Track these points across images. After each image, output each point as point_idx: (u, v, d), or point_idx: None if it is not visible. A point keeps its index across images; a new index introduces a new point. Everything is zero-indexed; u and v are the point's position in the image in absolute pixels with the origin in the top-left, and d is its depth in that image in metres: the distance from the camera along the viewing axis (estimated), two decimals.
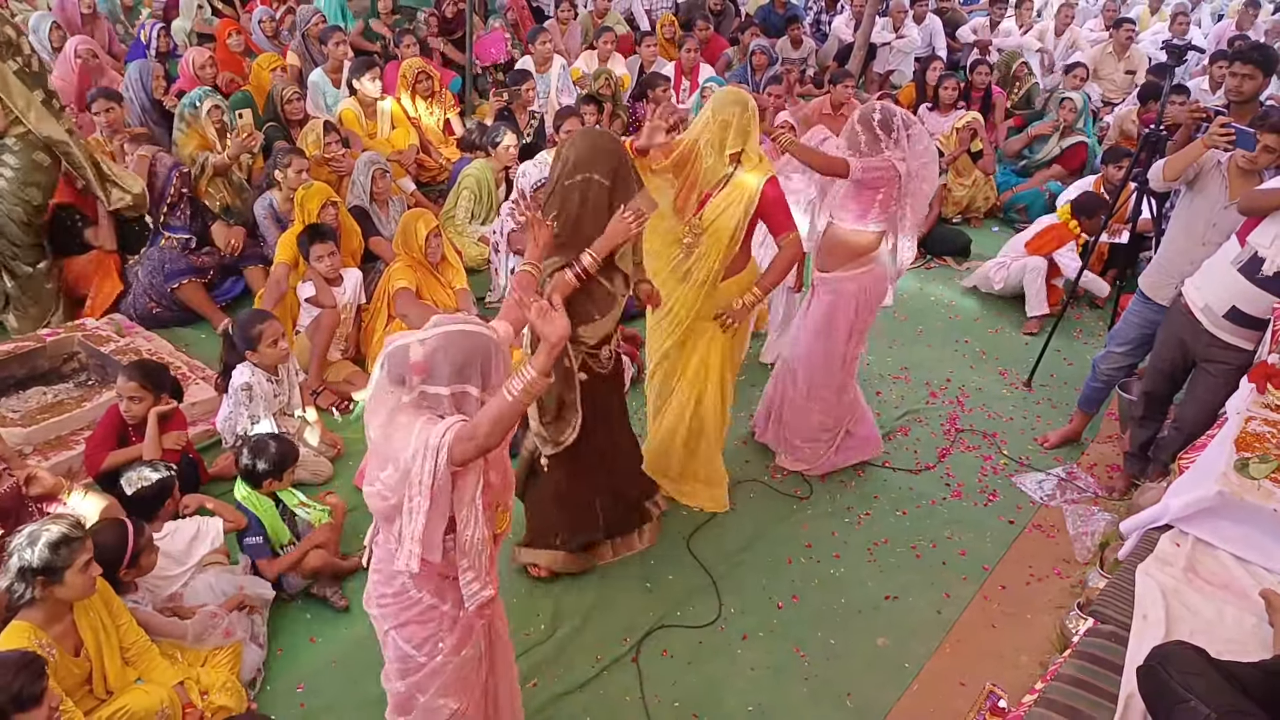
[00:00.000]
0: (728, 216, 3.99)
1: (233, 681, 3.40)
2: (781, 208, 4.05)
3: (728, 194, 3.99)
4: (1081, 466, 5.13)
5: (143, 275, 5.67)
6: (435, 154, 7.61)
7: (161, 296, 5.66)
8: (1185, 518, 3.05)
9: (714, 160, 3.99)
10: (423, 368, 2.29)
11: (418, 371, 2.29)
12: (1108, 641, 2.68)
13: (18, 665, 2.56)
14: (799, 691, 3.72)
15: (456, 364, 2.30)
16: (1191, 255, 4.41)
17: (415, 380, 2.29)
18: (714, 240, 4.03)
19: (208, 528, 3.75)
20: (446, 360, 2.30)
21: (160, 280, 5.64)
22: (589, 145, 3.45)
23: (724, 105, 3.94)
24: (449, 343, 2.31)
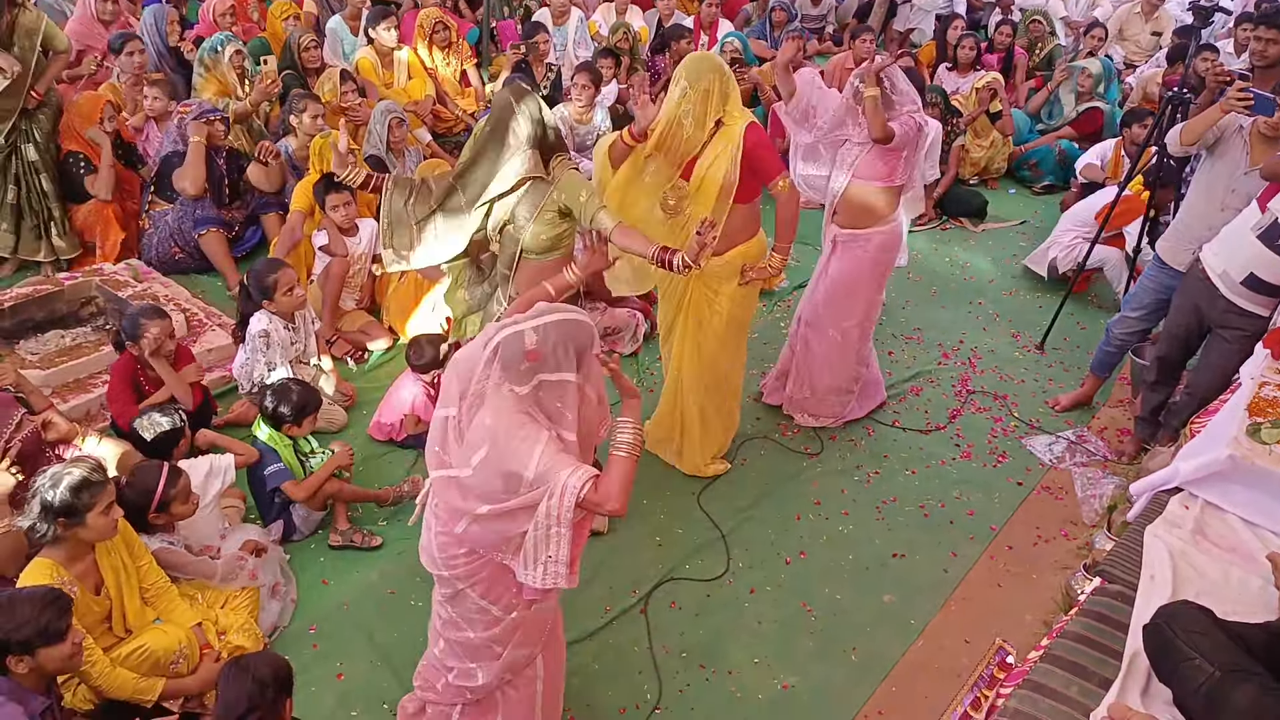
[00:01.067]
0: (716, 169, 3.89)
1: (250, 624, 3.45)
2: (767, 151, 3.93)
3: (713, 149, 3.90)
4: (1092, 430, 5.14)
5: (171, 219, 5.68)
6: (451, 105, 7.58)
7: (187, 242, 5.68)
8: (1195, 481, 3.06)
9: (695, 131, 3.83)
10: (537, 355, 2.32)
11: (531, 359, 2.32)
12: (1114, 601, 2.71)
13: (44, 601, 2.60)
14: (805, 645, 3.77)
15: (570, 352, 2.35)
16: (1210, 220, 4.39)
17: (525, 365, 2.32)
18: (703, 198, 3.93)
19: (220, 463, 3.78)
20: (561, 347, 2.34)
21: (189, 225, 5.65)
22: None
23: (701, 74, 3.78)
24: (562, 330, 2.35)
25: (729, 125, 3.87)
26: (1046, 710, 2.36)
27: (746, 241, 4.10)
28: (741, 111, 3.92)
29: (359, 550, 4.01)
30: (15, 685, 2.58)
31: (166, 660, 3.12)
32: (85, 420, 4.43)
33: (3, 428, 3.18)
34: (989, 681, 2.37)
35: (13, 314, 4.92)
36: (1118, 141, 7.06)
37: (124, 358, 4.23)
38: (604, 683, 3.54)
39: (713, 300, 4.15)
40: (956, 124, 7.84)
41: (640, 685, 3.54)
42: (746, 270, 4.09)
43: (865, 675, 3.64)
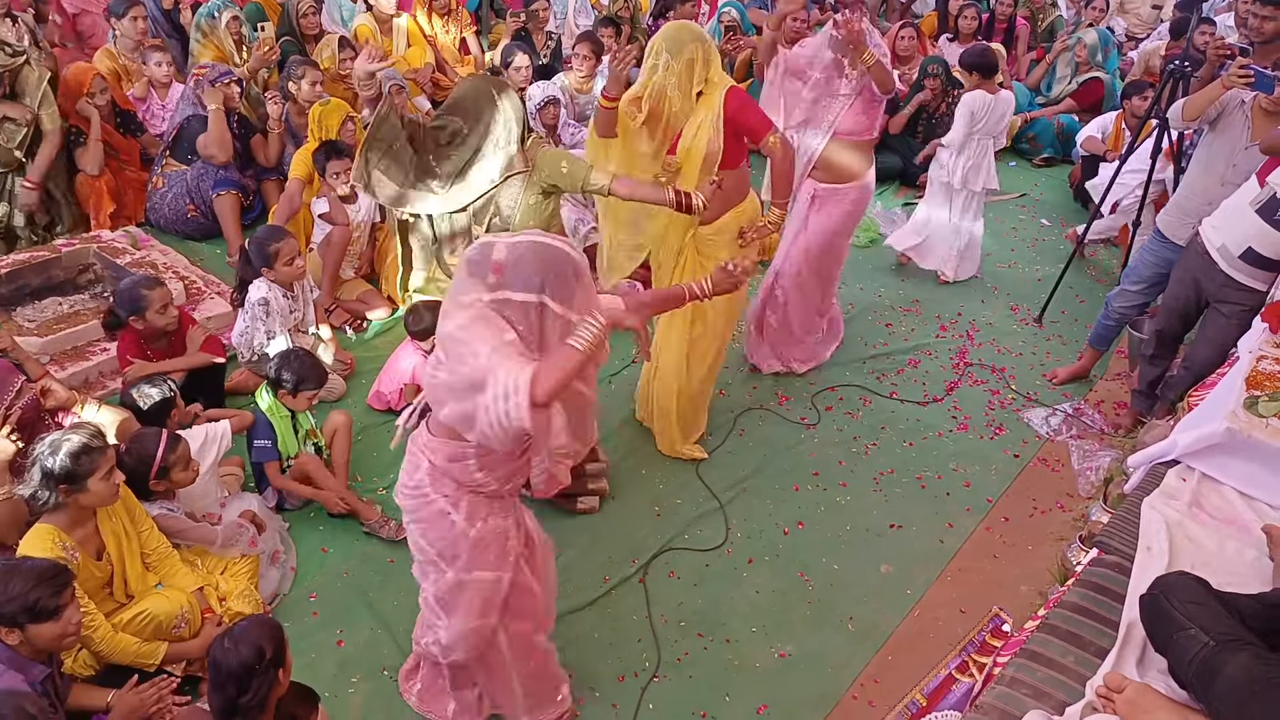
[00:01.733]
0: (699, 140, 3.84)
1: (250, 590, 3.47)
2: (751, 111, 3.88)
3: (695, 119, 3.85)
4: (1089, 403, 5.15)
5: (190, 177, 5.67)
6: (451, 73, 7.54)
7: (200, 200, 5.67)
8: (1192, 453, 3.08)
9: (682, 102, 3.78)
10: (500, 268, 2.26)
11: (495, 271, 2.26)
12: (1111, 571, 2.73)
13: (40, 577, 2.59)
14: (802, 614, 3.80)
15: (536, 273, 2.26)
16: (1210, 195, 4.39)
17: (493, 279, 2.26)
18: (690, 168, 3.90)
19: (215, 430, 3.78)
20: (526, 266, 2.26)
21: (208, 184, 5.65)
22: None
23: (683, 44, 3.70)
24: (533, 250, 2.28)
25: (708, 94, 3.82)
26: (1043, 679, 2.38)
27: (739, 205, 4.07)
28: (720, 77, 3.86)
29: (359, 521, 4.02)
30: (13, 653, 2.59)
31: (169, 625, 3.14)
32: (84, 387, 4.43)
33: (3, 395, 3.18)
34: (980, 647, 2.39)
35: (10, 280, 4.91)
36: (1118, 114, 7.05)
37: (128, 336, 4.21)
38: (603, 651, 3.56)
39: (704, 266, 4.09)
40: (957, 95, 7.78)
41: (639, 653, 3.57)
42: (746, 231, 4.05)
43: (862, 644, 3.67)
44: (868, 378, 5.24)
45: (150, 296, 4.07)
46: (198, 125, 5.63)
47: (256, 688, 2.40)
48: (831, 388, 5.12)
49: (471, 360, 2.24)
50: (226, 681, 2.39)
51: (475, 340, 2.24)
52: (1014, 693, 2.34)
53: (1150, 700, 2.19)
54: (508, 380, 2.18)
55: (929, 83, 7.58)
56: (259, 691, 2.40)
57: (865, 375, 5.26)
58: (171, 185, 5.73)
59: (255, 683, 2.39)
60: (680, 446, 4.52)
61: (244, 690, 2.39)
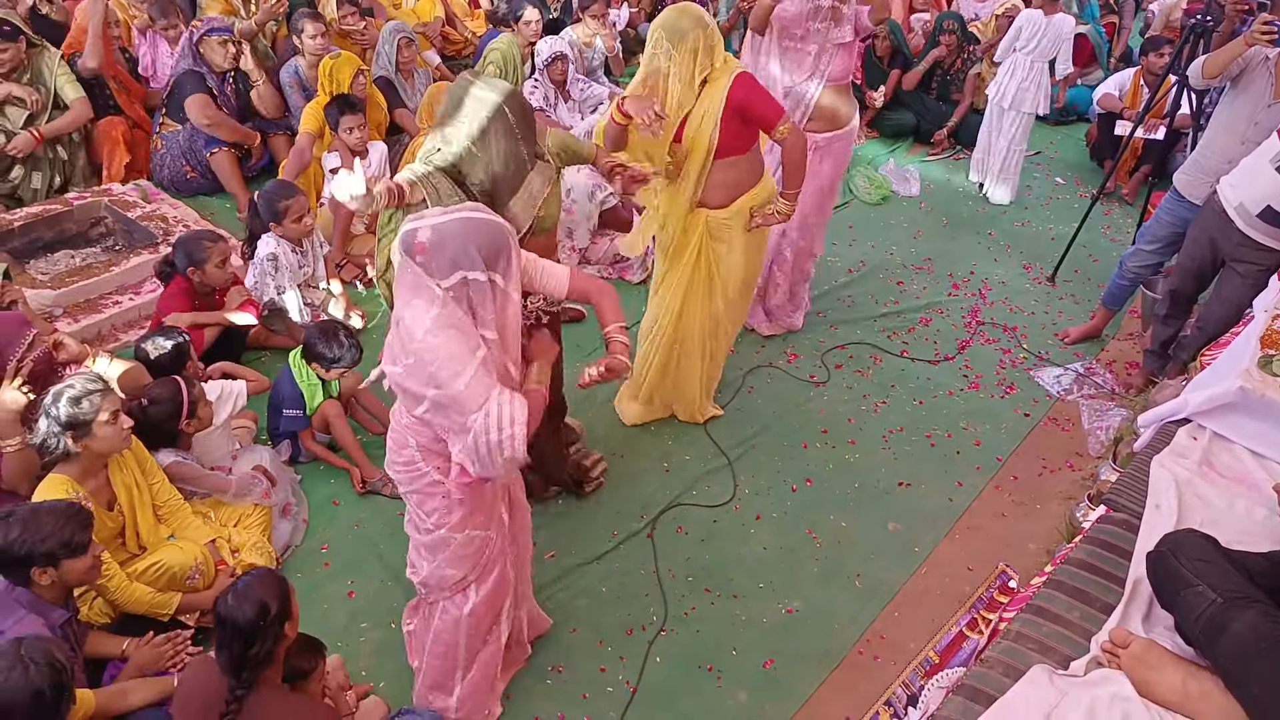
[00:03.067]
0: (703, 131, 3.69)
1: (263, 542, 3.51)
2: (760, 99, 3.71)
3: (699, 108, 3.67)
4: (1100, 363, 5.13)
5: (182, 138, 5.64)
6: (461, 27, 7.48)
7: (197, 162, 5.64)
8: (1204, 412, 3.06)
9: (684, 91, 3.61)
10: (424, 248, 2.26)
11: (418, 251, 2.26)
12: (1119, 529, 2.73)
13: (67, 513, 2.64)
14: (809, 571, 3.81)
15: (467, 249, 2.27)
16: (1230, 153, 4.33)
17: (419, 259, 2.26)
18: (694, 155, 3.76)
19: (231, 389, 3.80)
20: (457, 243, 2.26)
21: (200, 144, 5.62)
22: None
23: (684, 33, 3.53)
24: (462, 228, 2.28)
25: (714, 80, 3.64)
26: (1049, 634, 2.39)
27: (752, 189, 3.92)
28: (725, 62, 3.68)
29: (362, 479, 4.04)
30: (35, 598, 2.63)
31: (182, 575, 3.18)
32: (97, 340, 4.45)
33: (15, 347, 3.19)
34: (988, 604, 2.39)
35: (22, 234, 4.92)
36: (1136, 71, 6.96)
37: (176, 286, 4.23)
38: (611, 604, 3.59)
39: (726, 257, 3.99)
40: (973, 51, 7.71)
41: (647, 607, 3.59)
42: (755, 215, 3.92)
43: (869, 600, 3.68)
44: (878, 336, 5.23)
45: (212, 249, 4.16)
46: (190, 84, 5.53)
47: (262, 642, 2.42)
48: (842, 345, 5.11)
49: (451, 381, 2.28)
50: (233, 638, 2.41)
51: (451, 358, 2.27)
52: (1019, 647, 2.35)
53: (1155, 656, 2.19)
54: (501, 413, 2.28)
55: (944, 39, 7.51)
56: (265, 646, 2.42)
57: (876, 333, 5.25)
58: (169, 147, 5.71)
59: (261, 638, 2.41)
60: (704, 409, 4.49)
61: (250, 645, 2.41)
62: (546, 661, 3.34)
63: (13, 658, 2.23)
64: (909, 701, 2.57)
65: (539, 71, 6.05)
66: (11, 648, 2.27)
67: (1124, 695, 2.13)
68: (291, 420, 3.96)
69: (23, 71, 5.38)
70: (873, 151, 7.43)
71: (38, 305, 4.36)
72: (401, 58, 5.98)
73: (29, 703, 2.21)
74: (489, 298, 2.32)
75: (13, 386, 3.11)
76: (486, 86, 2.94)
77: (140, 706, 2.74)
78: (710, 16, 3.65)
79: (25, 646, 2.27)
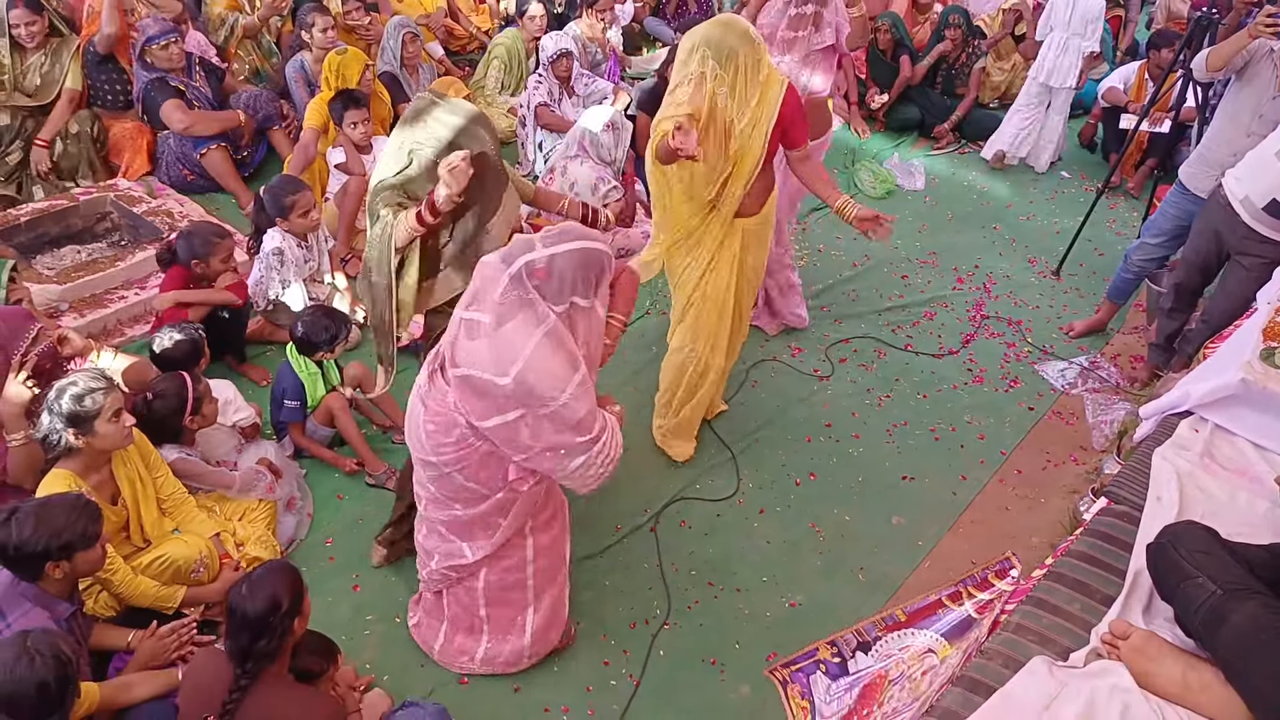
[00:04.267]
0: (755, 141, 3.56)
1: (267, 536, 3.53)
2: (800, 117, 3.63)
3: (750, 116, 3.53)
4: (1105, 356, 5.13)
5: (174, 143, 5.64)
6: (465, 22, 7.48)
7: (193, 165, 5.64)
8: (1206, 404, 3.06)
9: (738, 108, 3.46)
10: (544, 273, 2.40)
11: (538, 276, 2.39)
12: (1119, 521, 2.73)
13: (75, 506, 2.65)
14: (812, 564, 3.82)
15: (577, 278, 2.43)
16: (1235, 146, 4.33)
17: (536, 283, 2.40)
18: (743, 166, 3.62)
19: (243, 401, 3.86)
20: (569, 273, 2.42)
21: (189, 148, 5.60)
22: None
23: (732, 51, 3.35)
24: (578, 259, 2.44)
25: (764, 91, 3.50)
26: (1048, 625, 2.39)
27: (772, 190, 3.90)
28: (772, 73, 3.56)
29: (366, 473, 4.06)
30: (40, 592, 2.64)
31: (187, 569, 3.19)
32: (103, 335, 4.47)
33: (19, 342, 3.21)
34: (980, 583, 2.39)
35: (29, 229, 4.94)
36: (1141, 64, 6.95)
37: (175, 273, 4.26)
38: (614, 598, 3.60)
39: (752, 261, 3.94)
40: (978, 46, 7.70)
41: (650, 601, 3.60)
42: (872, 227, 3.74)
43: (872, 595, 3.69)
44: (883, 330, 5.23)
45: (218, 246, 4.20)
46: (158, 94, 5.48)
47: (271, 635, 2.43)
48: (846, 340, 5.11)
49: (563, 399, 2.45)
50: (242, 629, 2.42)
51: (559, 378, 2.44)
52: (1019, 639, 2.35)
53: (1155, 647, 2.19)
54: (612, 441, 2.60)
55: (949, 33, 7.49)
56: (273, 639, 2.44)
57: (880, 327, 5.25)
58: (163, 153, 5.71)
59: (270, 631, 2.43)
60: (715, 406, 4.48)
61: (259, 638, 2.43)
62: (551, 654, 3.35)
63: (18, 650, 2.25)
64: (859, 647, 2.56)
65: (543, 67, 6.05)
66: (17, 640, 2.29)
67: (1124, 687, 2.13)
68: (290, 411, 3.98)
69: (48, 52, 5.44)
70: (877, 146, 7.42)
71: (44, 300, 4.38)
72: (406, 53, 5.98)
73: (34, 695, 2.23)
74: (587, 320, 2.50)
75: (17, 381, 3.13)
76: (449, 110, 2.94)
77: (145, 699, 2.75)
78: (754, 29, 3.49)
79: (31, 639, 2.29)
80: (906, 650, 2.47)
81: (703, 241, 3.82)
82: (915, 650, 2.46)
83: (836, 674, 2.61)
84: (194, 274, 4.23)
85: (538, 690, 3.25)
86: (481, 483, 2.72)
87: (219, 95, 5.88)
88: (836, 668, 2.61)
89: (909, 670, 2.42)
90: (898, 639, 2.51)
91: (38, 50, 5.42)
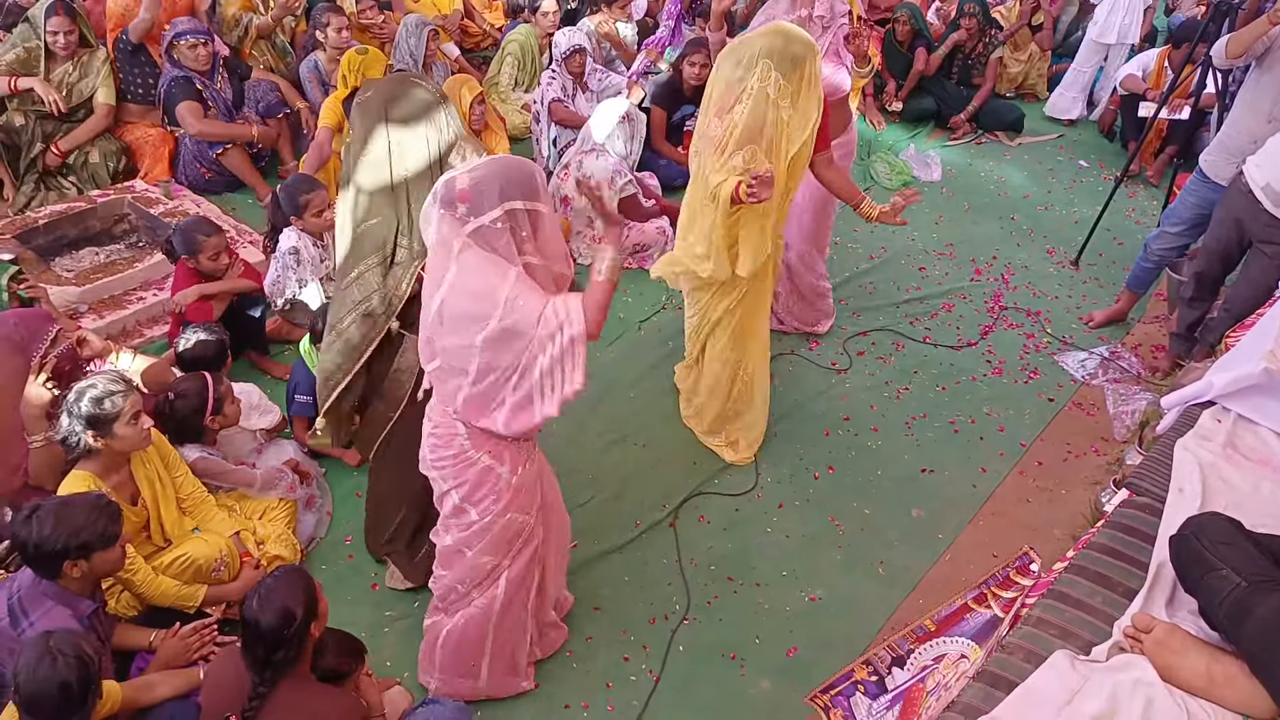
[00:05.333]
0: (807, 147, 3.49)
1: (287, 534, 3.53)
2: (827, 122, 3.62)
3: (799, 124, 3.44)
4: (1126, 346, 5.09)
5: (190, 142, 5.66)
6: (479, 19, 7.47)
7: (210, 162, 5.66)
8: (1228, 394, 3.02)
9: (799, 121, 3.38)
10: (466, 195, 2.36)
11: (462, 199, 2.36)
12: (1141, 513, 2.70)
13: (96, 506, 2.66)
14: (832, 559, 3.80)
15: (501, 186, 2.37)
16: (1256, 133, 4.29)
17: (463, 209, 2.35)
18: (794, 174, 3.56)
19: (269, 404, 3.87)
20: (491, 183, 2.37)
21: (206, 145, 5.62)
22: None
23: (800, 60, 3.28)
24: (493, 169, 2.40)
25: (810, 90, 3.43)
26: (1070, 619, 2.37)
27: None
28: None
29: None
30: (62, 590, 2.66)
31: (208, 568, 3.20)
32: (121, 336, 4.49)
33: (38, 343, 3.23)
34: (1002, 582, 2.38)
35: (47, 231, 4.97)
36: (1161, 51, 6.88)
37: (184, 269, 4.24)
38: (634, 593, 3.60)
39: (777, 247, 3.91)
40: (995, 36, 7.65)
41: (669, 596, 3.59)
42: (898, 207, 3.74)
43: (892, 588, 3.68)
44: (901, 322, 5.20)
45: (205, 242, 4.15)
46: (179, 93, 5.52)
47: (288, 647, 2.44)
48: (864, 333, 5.09)
49: (499, 306, 2.36)
50: (258, 641, 2.43)
51: (491, 288, 2.37)
52: (1040, 633, 2.33)
53: (1179, 641, 2.17)
54: (557, 308, 2.38)
55: (965, 22, 7.45)
56: (290, 649, 2.44)
57: (898, 319, 5.22)
58: (180, 153, 5.73)
59: (286, 642, 2.43)
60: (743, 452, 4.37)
61: (276, 649, 2.43)
62: (570, 650, 3.35)
63: (41, 650, 2.26)
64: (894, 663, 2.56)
65: (556, 63, 6.04)
66: (40, 641, 2.30)
67: (1147, 680, 2.11)
68: (301, 406, 3.97)
69: (76, 63, 5.48)
70: (893, 137, 7.39)
71: (63, 302, 4.41)
72: (428, 50, 5.97)
73: (56, 695, 2.24)
74: (529, 224, 2.43)
75: (37, 382, 3.14)
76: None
77: (167, 698, 2.76)
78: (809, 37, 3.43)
79: (54, 640, 2.30)
80: (941, 660, 2.47)
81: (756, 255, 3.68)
82: (950, 658, 2.45)
83: (875, 693, 2.62)
84: (201, 270, 4.22)
85: (557, 686, 3.25)
86: (475, 503, 2.74)
87: (240, 97, 5.90)
88: (874, 686, 2.62)
89: (944, 679, 2.41)
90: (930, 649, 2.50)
91: (67, 60, 5.44)
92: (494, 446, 2.66)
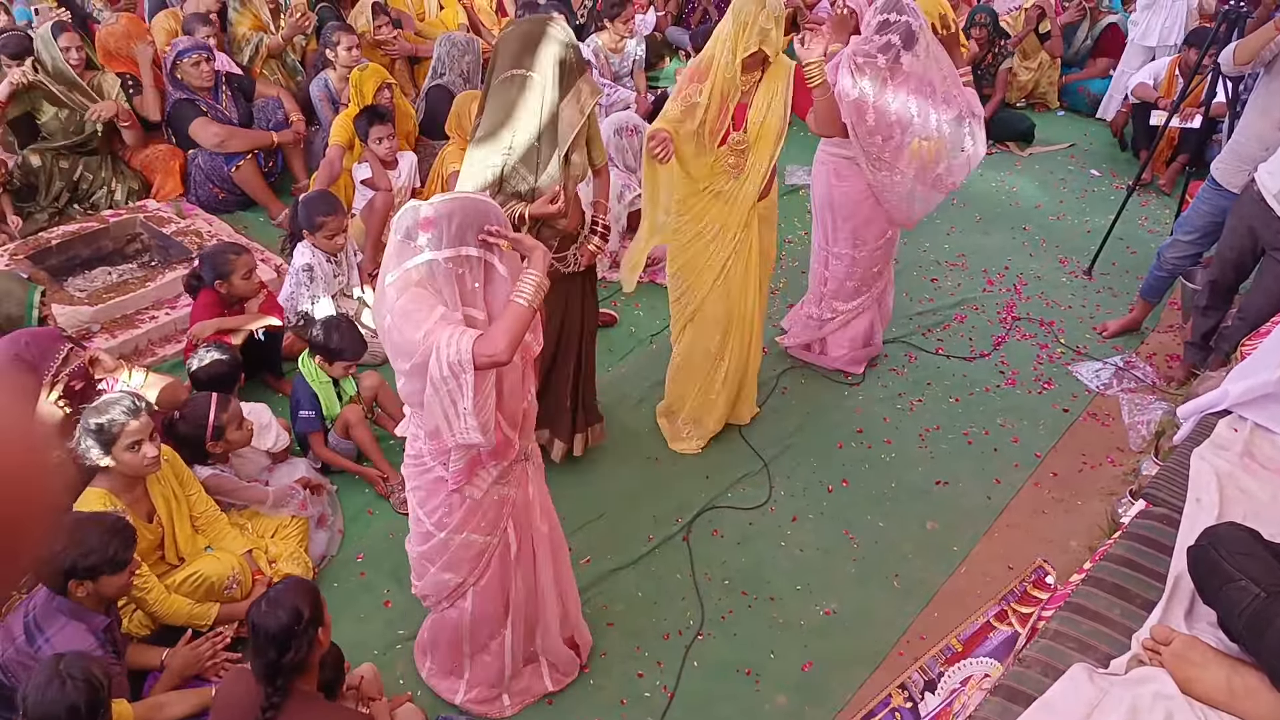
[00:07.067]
0: (774, 115, 3.71)
1: (299, 552, 3.53)
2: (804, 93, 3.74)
3: (766, 91, 3.70)
4: (1140, 356, 5.05)
5: (202, 161, 5.68)
6: (487, 34, 7.49)
7: (223, 180, 5.68)
8: (1244, 403, 3.00)
9: (728, 63, 3.60)
10: (430, 223, 2.35)
11: (424, 227, 2.36)
12: (1159, 524, 2.67)
13: (113, 529, 2.67)
14: (847, 572, 3.78)
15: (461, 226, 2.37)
16: (1267, 140, 4.26)
17: (422, 239, 2.36)
18: (763, 145, 3.75)
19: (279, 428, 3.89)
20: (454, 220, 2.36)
21: (220, 163, 5.65)
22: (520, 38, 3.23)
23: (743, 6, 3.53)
24: (457, 206, 2.39)
25: (777, 63, 3.69)
26: (1088, 632, 2.34)
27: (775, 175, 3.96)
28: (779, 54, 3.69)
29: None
30: (76, 605, 2.66)
31: (220, 586, 3.20)
32: (134, 355, 4.51)
33: (49, 362, 3.24)
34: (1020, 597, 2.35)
35: (60, 251, 5.00)
36: (1172, 60, 6.86)
37: (206, 298, 4.24)
38: (648, 608, 3.58)
39: (766, 236, 4.02)
40: (1004, 46, 7.64)
41: (683, 611, 3.58)
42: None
43: (907, 601, 3.65)
44: (913, 333, 5.18)
45: (236, 261, 4.17)
46: (186, 113, 5.56)
47: (297, 648, 2.43)
48: None
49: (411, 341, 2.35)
50: (267, 644, 2.42)
51: (411, 315, 2.35)
52: (1058, 646, 2.30)
53: (1199, 653, 2.14)
54: (451, 336, 2.31)
55: (975, 33, 7.44)
56: (299, 652, 2.44)
57: (911, 331, 5.20)
58: (192, 173, 5.76)
59: (296, 643, 2.42)
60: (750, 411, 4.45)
61: (285, 651, 2.42)
62: (584, 666, 3.33)
63: (50, 673, 2.26)
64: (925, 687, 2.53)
65: None
66: (50, 664, 2.30)
67: (1167, 693, 2.08)
68: (306, 421, 3.97)
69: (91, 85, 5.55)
70: None
71: (75, 322, 4.42)
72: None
73: (64, 717, 2.24)
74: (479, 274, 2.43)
75: (48, 401, 3.15)
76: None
77: (179, 718, 2.76)
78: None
79: (64, 663, 2.30)
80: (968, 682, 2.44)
81: (728, 227, 3.87)
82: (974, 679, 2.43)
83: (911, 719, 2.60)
84: (223, 295, 4.24)
85: (571, 704, 3.23)
86: (428, 513, 2.76)
87: (247, 115, 5.90)
88: (910, 714, 2.60)
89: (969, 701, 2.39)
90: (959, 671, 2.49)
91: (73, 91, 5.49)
92: (446, 460, 2.63)
